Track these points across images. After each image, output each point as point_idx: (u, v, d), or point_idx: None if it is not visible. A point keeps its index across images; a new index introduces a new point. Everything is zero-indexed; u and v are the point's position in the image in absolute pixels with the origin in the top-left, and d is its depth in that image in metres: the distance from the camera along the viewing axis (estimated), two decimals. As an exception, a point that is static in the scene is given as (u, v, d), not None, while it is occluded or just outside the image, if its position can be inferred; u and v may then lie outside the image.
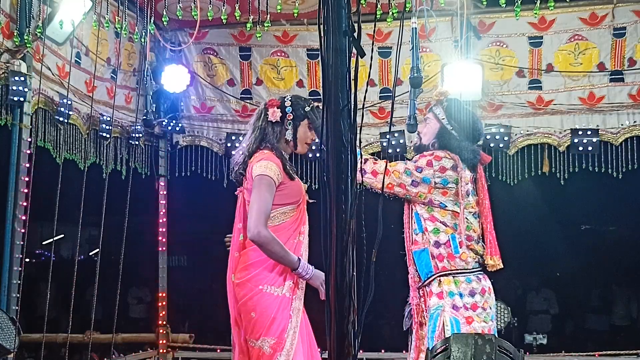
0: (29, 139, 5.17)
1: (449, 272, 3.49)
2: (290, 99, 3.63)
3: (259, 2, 4.99)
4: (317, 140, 3.64)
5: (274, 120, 3.58)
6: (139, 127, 6.46)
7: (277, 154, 3.52)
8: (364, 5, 5.00)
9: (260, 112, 3.67)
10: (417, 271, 3.61)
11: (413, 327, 3.69)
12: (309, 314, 3.57)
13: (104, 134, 6.00)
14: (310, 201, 3.56)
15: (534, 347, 7.02)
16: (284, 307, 3.42)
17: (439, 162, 3.51)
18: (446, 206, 3.51)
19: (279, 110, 3.58)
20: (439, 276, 3.51)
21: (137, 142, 6.55)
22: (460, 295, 3.45)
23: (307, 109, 3.59)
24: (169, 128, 6.83)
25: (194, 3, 4.97)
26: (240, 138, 6.79)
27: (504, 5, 4.60)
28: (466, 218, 3.52)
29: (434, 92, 3.90)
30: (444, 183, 3.51)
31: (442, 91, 3.77)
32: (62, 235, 11.67)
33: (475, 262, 3.53)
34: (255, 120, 3.67)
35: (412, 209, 3.62)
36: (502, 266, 3.61)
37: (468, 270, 3.48)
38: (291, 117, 3.57)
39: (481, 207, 3.60)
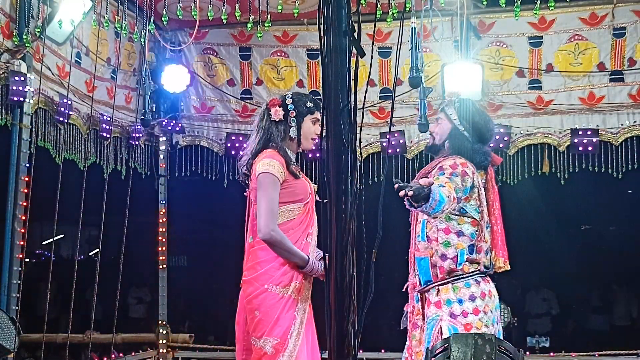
0: (29, 139, 5.17)
1: (447, 280, 3.45)
2: (291, 96, 3.63)
3: (259, 2, 4.99)
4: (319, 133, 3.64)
5: (277, 119, 3.58)
6: (139, 127, 6.46)
7: (281, 152, 3.52)
8: (364, 5, 5.00)
9: (263, 112, 3.66)
10: (417, 276, 3.58)
11: (408, 329, 3.67)
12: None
13: (104, 134, 6.00)
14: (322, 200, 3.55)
15: (536, 349, 7.02)
16: (289, 308, 3.42)
17: (466, 167, 3.46)
18: (467, 212, 3.45)
19: (281, 108, 3.59)
20: (438, 285, 3.47)
21: (137, 142, 6.55)
22: (460, 301, 3.39)
23: (310, 104, 3.59)
24: (169, 128, 6.84)
25: (194, 3, 4.96)
26: (240, 138, 6.81)
27: (504, 5, 4.60)
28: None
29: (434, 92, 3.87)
30: (472, 187, 3.47)
31: (454, 91, 3.74)
32: (62, 235, 11.67)
33: (475, 268, 3.48)
34: (258, 121, 3.66)
35: (419, 215, 3.55)
36: (509, 268, 3.57)
37: (467, 275, 3.44)
38: (294, 114, 3.57)
39: (491, 209, 3.56)
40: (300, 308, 3.44)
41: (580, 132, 6.28)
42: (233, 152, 6.78)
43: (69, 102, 5.45)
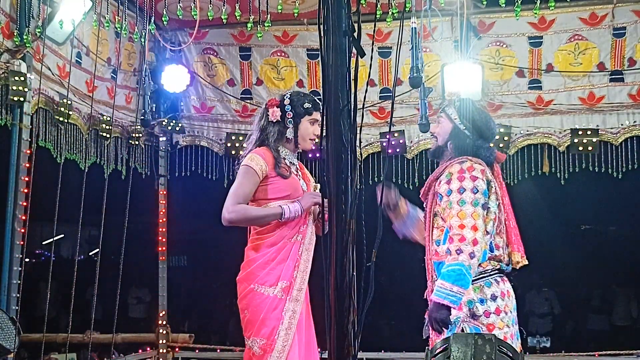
0: (29, 139, 5.17)
1: None
2: (289, 96, 3.63)
3: (259, 2, 4.98)
4: (318, 134, 3.65)
5: (274, 120, 3.58)
6: (139, 127, 6.46)
7: (272, 150, 3.53)
8: (364, 5, 5.00)
9: (262, 112, 3.67)
10: (436, 281, 3.51)
11: (430, 337, 3.61)
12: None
13: (104, 134, 5.99)
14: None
15: (537, 349, 7.02)
16: (274, 308, 3.40)
17: (474, 171, 3.43)
18: (490, 208, 3.44)
19: (279, 109, 3.59)
20: None
21: (137, 142, 6.55)
22: (482, 301, 3.34)
23: (307, 105, 3.59)
24: (169, 128, 6.84)
25: (194, 3, 4.96)
26: (240, 138, 6.81)
27: (504, 5, 4.60)
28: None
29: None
30: (488, 184, 3.45)
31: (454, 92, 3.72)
32: (62, 235, 11.67)
33: (494, 266, 3.46)
34: (257, 121, 3.68)
35: (434, 221, 3.50)
36: (527, 262, 3.56)
37: (486, 274, 3.42)
38: (291, 116, 3.57)
39: (502, 205, 3.54)
40: (288, 308, 3.42)
41: (580, 132, 6.28)
42: (233, 152, 6.78)
43: (69, 102, 5.45)
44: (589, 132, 6.28)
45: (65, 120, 5.48)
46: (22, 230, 5.04)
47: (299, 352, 3.41)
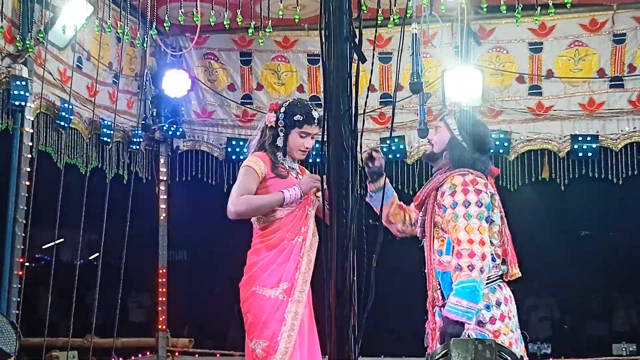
0: (30, 144, 5.18)
1: None
2: (286, 105, 3.62)
3: (260, 8, 5.00)
4: (310, 147, 3.67)
5: (268, 125, 3.61)
6: (140, 131, 6.47)
7: (269, 154, 3.56)
8: (365, 11, 5.01)
9: (266, 115, 3.72)
10: (438, 291, 3.50)
11: (429, 347, 3.60)
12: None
13: (106, 139, 6.00)
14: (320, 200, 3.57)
15: (537, 355, 7.01)
16: (277, 310, 3.41)
17: (477, 184, 3.43)
18: (494, 221, 3.45)
19: (275, 115, 3.60)
20: None
21: (137, 147, 6.55)
22: (488, 307, 3.34)
23: (298, 117, 3.57)
24: (170, 133, 6.84)
25: (196, 8, 4.98)
26: (241, 143, 6.82)
27: (505, 11, 4.61)
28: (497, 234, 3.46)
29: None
30: (491, 196, 3.46)
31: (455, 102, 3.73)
32: (63, 240, 11.65)
33: (496, 272, 3.46)
34: (261, 122, 3.73)
35: (434, 231, 3.49)
36: (520, 275, 3.57)
37: (490, 280, 3.42)
38: (282, 125, 3.58)
39: (503, 217, 3.55)
40: (290, 310, 3.42)
41: (580, 138, 6.29)
42: (233, 157, 6.79)
43: (71, 107, 5.47)
44: (588, 138, 6.29)
45: (67, 125, 5.49)
46: (23, 234, 5.05)
47: (301, 355, 3.41)
